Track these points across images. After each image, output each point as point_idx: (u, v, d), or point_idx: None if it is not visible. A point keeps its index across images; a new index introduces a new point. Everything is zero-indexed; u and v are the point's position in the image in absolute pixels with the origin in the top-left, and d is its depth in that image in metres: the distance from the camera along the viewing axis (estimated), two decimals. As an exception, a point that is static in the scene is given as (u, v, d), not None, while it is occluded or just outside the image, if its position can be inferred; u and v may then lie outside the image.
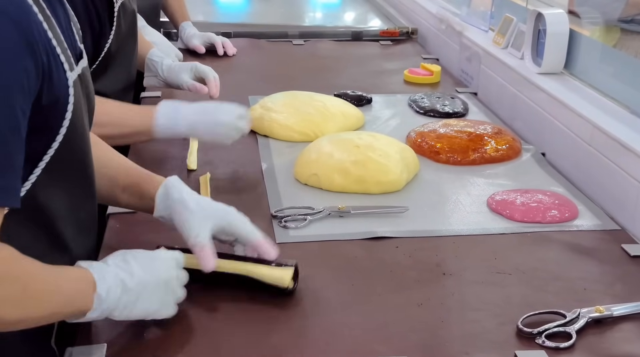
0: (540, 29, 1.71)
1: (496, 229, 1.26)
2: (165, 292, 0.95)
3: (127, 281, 0.91)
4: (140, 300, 0.92)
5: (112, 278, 0.90)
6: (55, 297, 0.85)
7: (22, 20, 0.79)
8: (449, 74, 2.12)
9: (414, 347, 0.95)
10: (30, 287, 0.82)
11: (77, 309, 0.87)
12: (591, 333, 0.98)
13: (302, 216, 1.26)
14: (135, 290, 0.91)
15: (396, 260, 1.16)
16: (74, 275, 0.89)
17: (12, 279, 0.80)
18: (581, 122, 1.45)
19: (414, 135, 1.59)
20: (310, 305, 1.03)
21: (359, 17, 2.82)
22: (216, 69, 1.85)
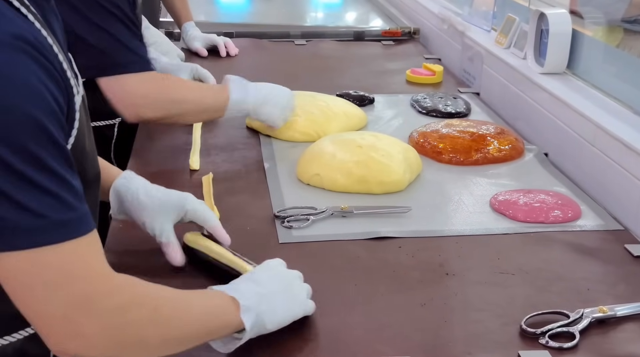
0: (542, 29, 1.70)
1: (499, 229, 1.25)
2: (296, 289, 0.97)
3: (259, 288, 0.92)
4: (280, 303, 0.93)
5: (243, 287, 0.91)
6: (194, 314, 0.85)
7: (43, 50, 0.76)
8: (451, 74, 2.12)
9: (416, 348, 0.94)
10: (162, 309, 0.81)
11: (224, 322, 0.87)
12: (595, 333, 0.98)
13: (305, 216, 1.26)
14: (270, 294, 0.93)
15: (399, 260, 1.15)
16: (205, 292, 0.90)
17: (138, 303, 0.79)
18: (584, 122, 1.44)
19: (416, 136, 1.59)
20: (313, 305, 1.03)
21: (361, 17, 2.82)
22: (218, 69, 1.86)
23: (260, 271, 0.98)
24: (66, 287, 0.74)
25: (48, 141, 0.73)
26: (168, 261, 1.11)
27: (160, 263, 1.13)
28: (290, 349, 0.94)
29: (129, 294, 0.79)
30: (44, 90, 0.74)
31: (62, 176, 0.74)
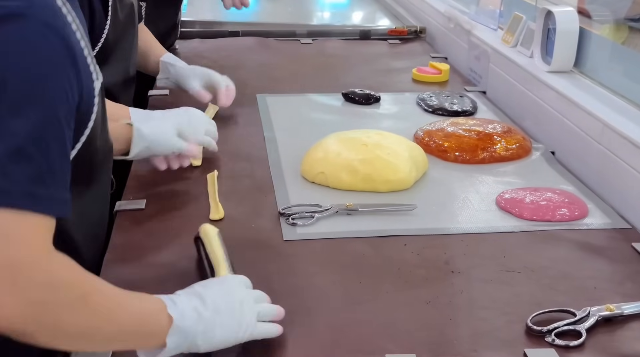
0: (549, 27, 1.70)
1: (505, 227, 1.25)
2: (245, 311, 0.90)
3: (201, 307, 0.87)
4: (220, 326, 0.87)
5: (185, 303, 0.86)
6: (122, 313, 0.81)
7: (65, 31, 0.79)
8: (457, 72, 2.11)
9: (422, 345, 0.94)
10: (91, 298, 0.78)
11: (151, 332, 0.83)
12: (601, 332, 0.97)
13: (310, 214, 1.26)
14: (211, 315, 0.87)
15: (404, 258, 1.15)
16: (142, 296, 0.85)
17: (69, 285, 0.76)
18: (591, 120, 1.44)
19: (421, 134, 1.59)
20: (317, 302, 1.03)
21: (367, 16, 2.82)
22: (223, 68, 1.85)
23: (212, 284, 0.93)
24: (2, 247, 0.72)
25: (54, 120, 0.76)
26: (169, 259, 1.11)
27: (162, 259, 1.13)
28: (294, 347, 0.94)
29: (61, 275, 0.76)
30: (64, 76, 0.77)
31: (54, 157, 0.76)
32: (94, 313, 0.78)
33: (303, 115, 1.77)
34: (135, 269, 1.10)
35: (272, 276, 1.09)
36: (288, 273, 1.10)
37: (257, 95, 1.87)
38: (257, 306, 0.92)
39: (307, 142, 1.50)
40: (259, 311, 0.92)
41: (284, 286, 1.06)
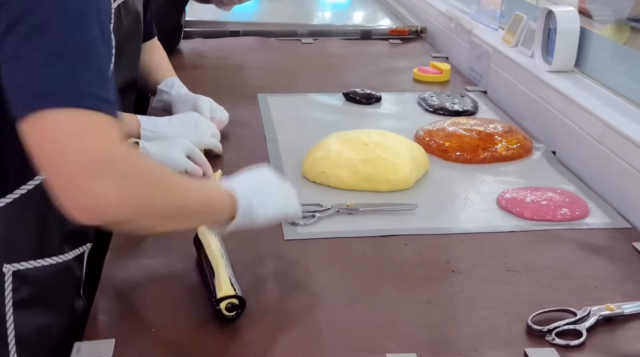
0: (550, 27, 1.70)
1: (506, 227, 1.25)
2: (289, 190, 1.04)
3: (254, 180, 1.00)
4: (273, 197, 1.00)
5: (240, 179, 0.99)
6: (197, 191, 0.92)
7: None
8: (458, 72, 2.11)
9: (422, 345, 0.94)
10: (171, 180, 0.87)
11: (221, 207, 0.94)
12: (602, 331, 0.97)
13: (311, 213, 1.26)
14: (264, 186, 1.00)
15: (405, 257, 1.15)
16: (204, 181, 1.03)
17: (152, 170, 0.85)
18: (592, 120, 1.44)
19: (422, 134, 1.59)
20: (318, 302, 1.03)
21: (368, 16, 2.82)
22: (224, 67, 1.85)
23: (254, 170, 1.05)
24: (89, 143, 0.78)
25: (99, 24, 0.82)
26: (170, 259, 1.12)
27: (163, 259, 1.13)
28: (296, 346, 0.94)
29: (142, 162, 0.85)
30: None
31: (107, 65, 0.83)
32: (177, 192, 0.87)
33: (304, 115, 1.77)
34: (136, 268, 1.10)
35: (273, 275, 1.09)
36: (289, 273, 1.11)
37: (258, 95, 1.88)
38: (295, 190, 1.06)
39: (308, 141, 1.50)
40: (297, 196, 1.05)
41: (285, 286, 1.07)
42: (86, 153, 0.78)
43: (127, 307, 1.01)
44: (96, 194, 0.78)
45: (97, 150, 0.78)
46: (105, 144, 0.79)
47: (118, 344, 0.92)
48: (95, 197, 0.78)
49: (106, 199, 0.78)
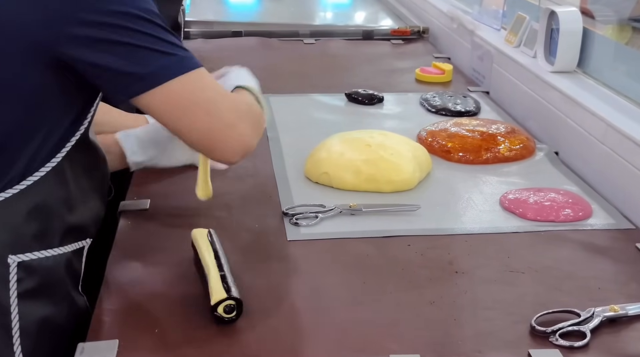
0: (553, 27, 1.70)
1: (509, 227, 1.25)
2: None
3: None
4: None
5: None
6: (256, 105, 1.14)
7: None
8: (460, 73, 2.11)
9: (426, 345, 0.94)
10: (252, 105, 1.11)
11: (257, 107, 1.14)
12: (606, 332, 0.97)
13: (314, 214, 1.26)
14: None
15: (408, 258, 1.15)
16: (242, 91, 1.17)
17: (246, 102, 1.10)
18: (594, 120, 1.43)
19: (424, 134, 1.59)
20: (321, 302, 1.03)
21: (369, 16, 2.82)
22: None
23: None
24: (223, 102, 1.01)
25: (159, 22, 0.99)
26: (173, 259, 1.12)
27: (166, 259, 1.13)
28: (298, 347, 0.94)
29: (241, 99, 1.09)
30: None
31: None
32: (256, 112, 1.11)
33: (306, 115, 1.77)
34: (139, 268, 1.10)
35: (276, 276, 1.09)
36: (292, 273, 1.11)
37: (260, 95, 1.87)
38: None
39: (311, 142, 1.50)
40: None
41: (288, 286, 1.07)
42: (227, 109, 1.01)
43: (131, 307, 1.01)
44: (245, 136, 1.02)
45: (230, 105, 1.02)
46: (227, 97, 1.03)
47: (122, 345, 0.92)
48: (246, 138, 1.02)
49: (251, 139, 1.04)
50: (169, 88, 0.95)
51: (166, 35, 0.96)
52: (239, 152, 1.02)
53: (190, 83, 0.97)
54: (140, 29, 0.93)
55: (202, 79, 0.99)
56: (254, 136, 1.05)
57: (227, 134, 1.00)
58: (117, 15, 0.92)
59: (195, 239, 1.11)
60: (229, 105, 1.02)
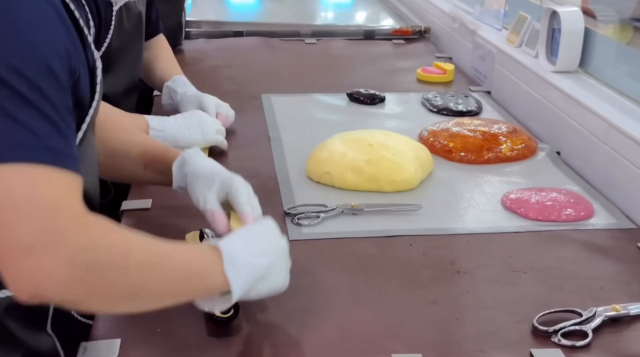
0: (554, 27, 1.69)
1: (511, 227, 1.25)
2: (285, 261, 0.93)
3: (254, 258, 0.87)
4: (271, 274, 0.89)
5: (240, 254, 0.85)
6: (169, 265, 0.80)
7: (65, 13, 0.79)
8: (462, 72, 2.11)
9: (428, 345, 0.94)
10: (134, 255, 0.76)
11: (206, 286, 0.83)
12: (608, 332, 0.97)
13: (315, 214, 1.26)
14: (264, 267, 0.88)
15: (410, 258, 1.15)
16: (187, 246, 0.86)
17: (110, 245, 0.74)
18: (596, 120, 1.43)
19: (426, 134, 1.59)
20: (323, 302, 1.03)
21: (371, 16, 2.82)
22: (227, 68, 1.85)
23: (259, 232, 0.93)
24: (36, 215, 0.70)
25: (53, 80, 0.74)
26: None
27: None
28: (300, 347, 0.94)
29: (101, 235, 0.75)
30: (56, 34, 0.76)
31: (63, 116, 0.75)
32: (140, 270, 0.77)
33: (308, 115, 1.77)
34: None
35: (278, 275, 1.09)
36: (294, 273, 1.10)
37: (261, 95, 1.88)
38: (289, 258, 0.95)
39: (312, 142, 1.50)
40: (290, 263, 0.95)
41: (290, 286, 1.06)
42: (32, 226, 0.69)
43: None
44: (42, 273, 0.69)
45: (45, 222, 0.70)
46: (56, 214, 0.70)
47: (124, 344, 0.92)
48: (40, 276, 0.69)
49: (54, 278, 0.70)
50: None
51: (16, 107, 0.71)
52: (26, 290, 0.71)
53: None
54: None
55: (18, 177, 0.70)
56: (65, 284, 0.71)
57: (15, 257, 0.69)
58: None
59: (188, 239, 1.11)
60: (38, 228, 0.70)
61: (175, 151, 1.18)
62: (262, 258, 0.89)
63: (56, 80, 0.75)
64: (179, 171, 1.13)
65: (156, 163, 1.17)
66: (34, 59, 0.73)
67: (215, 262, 0.84)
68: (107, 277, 0.74)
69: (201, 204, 1.05)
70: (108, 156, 1.15)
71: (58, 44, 0.76)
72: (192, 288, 0.83)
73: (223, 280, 0.84)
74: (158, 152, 1.18)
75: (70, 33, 0.79)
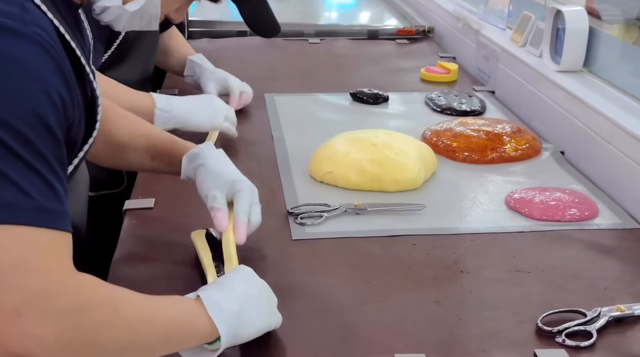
0: (559, 26, 1.69)
1: (515, 227, 1.24)
2: (270, 298, 0.92)
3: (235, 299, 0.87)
4: (256, 312, 0.88)
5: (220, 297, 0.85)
6: (157, 319, 0.80)
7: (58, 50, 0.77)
8: (466, 72, 2.10)
9: (431, 345, 0.94)
10: (123, 311, 0.76)
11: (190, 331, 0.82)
12: (612, 332, 0.97)
13: (318, 213, 1.25)
14: (247, 303, 0.87)
15: (413, 257, 1.15)
16: (171, 298, 0.84)
17: (99, 304, 0.74)
18: (600, 120, 1.43)
19: (429, 134, 1.58)
20: (326, 302, 1.03)
21: (374, 16, 2.81)
22: (231, 68, 1.84)
23: (234, 277, 0.92)
24: (24, 279, 0.69)
25: (47, 133, 0.73)
26: (178, 258, 1.12)
27: (170, 258, 1.13)
28: (303, 347, 0.93)
29: (88, 294, 0.74)
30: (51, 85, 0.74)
31: (55, 170, 0.73)
32: (129, 326, 0.76)
33: (311, 114, 1.77)
34: (144, 268, 1.10)
35: (281, 275, 1.09)
36: (297, 273, 1.10)
37: (265, 94, 1.87)
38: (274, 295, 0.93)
39: (315, 141, 1.50)
40: (276, 300, 0.93)
41: (293, 286, 1.06)
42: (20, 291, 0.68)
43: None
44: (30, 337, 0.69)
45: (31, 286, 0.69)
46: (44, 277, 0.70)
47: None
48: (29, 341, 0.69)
49: (42, 342, 0.69)
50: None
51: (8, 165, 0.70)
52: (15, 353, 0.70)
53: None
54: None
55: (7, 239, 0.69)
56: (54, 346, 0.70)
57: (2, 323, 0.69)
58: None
59: (193, 241, 1.11)
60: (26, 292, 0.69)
61: (183, 143, 1.18)
62: (242, 298, 0.88)
63: (51, 134, 0.73)
64: (188, 164, 1.14)
65: (164, 155, 1.17)
66: (28, 113, 0.71)
67: (199, 309, 0.84)
68: (95, 335, 0.74)
69: (209, 201, 1.07)
70: (114, 148, 1.15)
71: (53, 96, 0.74)
72: (181, 338, 0.83)
73: (210, 327, 0.83)
74: (167, 145, 1.17)
75: (66, 81, 0.77)
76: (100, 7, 0.92)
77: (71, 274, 0.74)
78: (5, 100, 0.70)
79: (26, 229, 0.70)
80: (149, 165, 1.19)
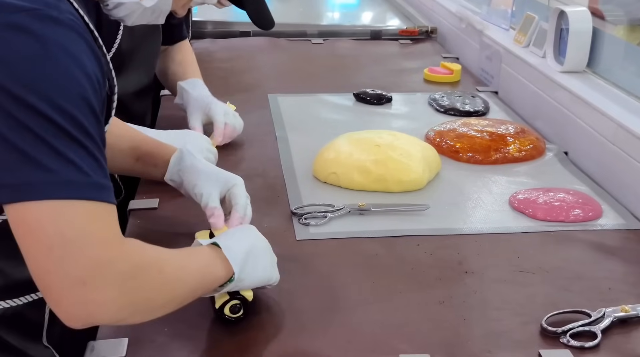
0: (562, 27, 1.69)
1: (518, 227, 1.24)
2: (271, 253, 1.01)
3: (245, 241, 0.97)
4: (262, 262, 0.97)
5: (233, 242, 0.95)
6: (190, 273, 0.88)
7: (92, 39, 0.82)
8: (469, 73, 2.10)
9: (435, 345, 0.94)
10: (166, 271, 0.83)
11: (214, 278, 0.91)
12: (616, 333, 0.97)
13: (322, 213, 1.26)
14: (256, 250, 0.97)
15: (417, 258, 1.15)
16: (195, 250, 0.93)
17: (148, 266, 0.81)
18: (604, 120, 1.43)
19: (432, 134, 1.58)
20: (331, 302, 1.03)
21: (377, 16, 2.81)
22: (234, 68, 1.85)
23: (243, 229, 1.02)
24: (85, 249, 0.75)
25: (91, 114, 0.78)
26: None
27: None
28: (307, 347, 0.94)
29: (138, 259, 0.80)
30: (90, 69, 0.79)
31: (100, 148, 0.79)
32: (171, 283, 0.84)
33: (314, 115, 1.77)
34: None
35: (285, 275, 1.08)
36: (301, 273, 1.10)
37: (268, 95, 1.87)
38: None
39: (319, 142, 1.50)
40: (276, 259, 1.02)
41: (297, 286, 1.06)
42: (83, 260, 0.74)
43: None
44: (96, 302, 0.75)
45: (92, 256, 0.75)
46: (101, 247, 0.75)
47: (131, 343, 0.92)
48: (95, 306, 0.75)
49: (107, 306, 0.76)
50: (25, 210, 0.74)
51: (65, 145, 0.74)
52: (80, 319, 0.76)
53: (47, 214, 0.74)
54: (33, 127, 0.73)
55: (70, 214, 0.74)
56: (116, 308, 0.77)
57: (68, 291, 0.74)
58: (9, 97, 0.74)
59: (197, 237, 1.11)
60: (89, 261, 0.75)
61: (167, 146, 1.22)
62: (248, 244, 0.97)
63: (94, 114, 0.78)
64: (176, 164, 1.18)
65: (149, 156, 1.20)
66: (75, 96, 0.76)
67: (216, 255, 0.92)
68: (148, 295, 0.81)
69: (204, 200, 1.11)
70: None
71: (92, 79, 0.79)
72: (206, 285, 0.91)
73: (225, 272, 0.92)
74: (151, 147, 1.21)
75: (100, 64, 0.81)
76: (114, 3, 0.95)
77: (123, 241, 0.80)
78: (56, 84, 0.75)
79: (85, 203, 0.75)
80: (132, 167, 1.22)
